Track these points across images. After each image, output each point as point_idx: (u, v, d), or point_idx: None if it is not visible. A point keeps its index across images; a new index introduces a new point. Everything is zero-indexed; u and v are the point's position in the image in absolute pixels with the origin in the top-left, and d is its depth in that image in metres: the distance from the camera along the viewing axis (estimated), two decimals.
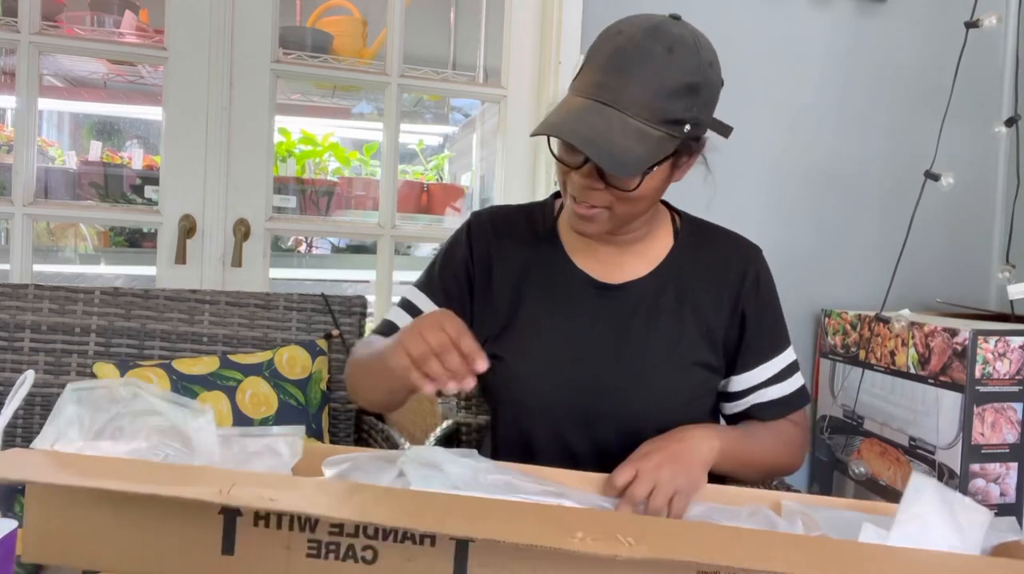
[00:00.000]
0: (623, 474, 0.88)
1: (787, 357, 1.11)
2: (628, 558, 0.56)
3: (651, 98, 0.88)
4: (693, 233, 1.11)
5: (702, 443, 0.95)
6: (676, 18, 0.94)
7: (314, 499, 0.63)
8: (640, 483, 0.87)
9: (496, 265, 1.09)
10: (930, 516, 0.68)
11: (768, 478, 1.12)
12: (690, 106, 0.90)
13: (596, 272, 1.07)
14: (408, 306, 1.11)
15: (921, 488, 0.70)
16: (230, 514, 0.64)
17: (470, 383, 0.82)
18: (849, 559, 0.60)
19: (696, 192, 1.14)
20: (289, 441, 0.77)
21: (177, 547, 0.65)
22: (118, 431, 0.71)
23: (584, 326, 1.05)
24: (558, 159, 0.96)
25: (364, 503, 0.64)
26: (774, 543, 0.63)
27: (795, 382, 1.12)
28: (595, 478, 0.88)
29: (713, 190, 1.09)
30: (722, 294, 1.07)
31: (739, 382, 1.09)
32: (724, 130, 0.98)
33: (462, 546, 0.62)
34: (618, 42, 0.90)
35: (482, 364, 0.81)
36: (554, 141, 0.93)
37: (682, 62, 0.89)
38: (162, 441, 0.71)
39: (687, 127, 0.91)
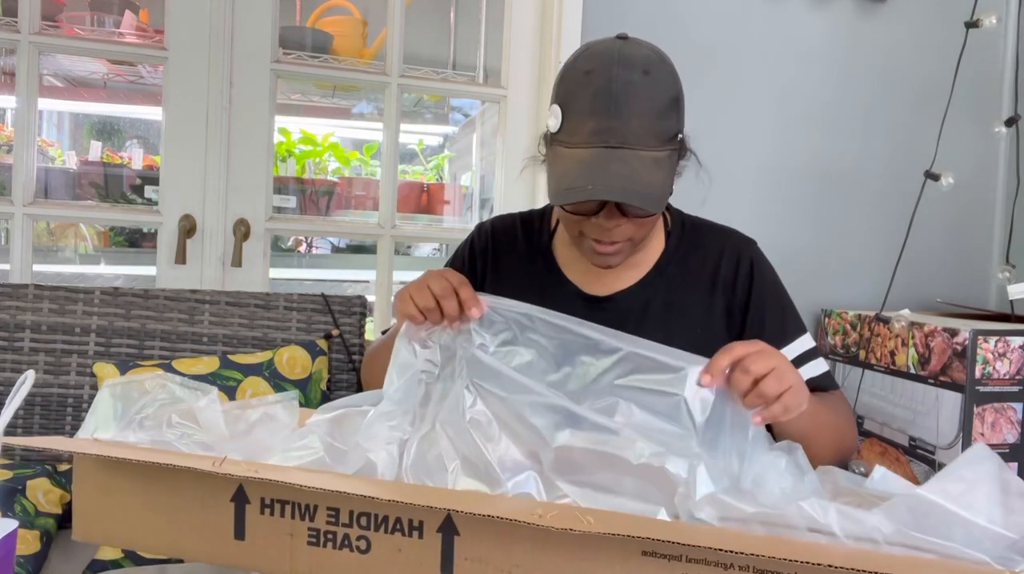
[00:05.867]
0: (735, 348, 0.80)
1: (802, 344, 1.07)
2: (585, 533, 0.58)
3: (651, 125, 0.89)
4: (684, 234, 1.10)
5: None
6: (624, 38, 0.93)
7: (293, 472, 0.70)
8: (758, 359, 0.78)
9: (492, 279, 1.12)
10: (979, 484, 0.62)
11: (834, 459, 0.96)
12: (680, 117, 0.94)
13: (586, 285, 1.08)
14: None
15: (981, 457, 0.64)
16: (240, 502, 0.71)
17: (458, 326, 0.87)
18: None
19: (690, 190, 1.14)
20: (286, 406, 0.84)
21: (198, 531, 0.73)
22: (146, 420, 0.80)
23: None
24: (571, 212, 0.94)
25: (338, 479, 0.71)
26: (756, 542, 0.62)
27: (818, 367, 1.07)
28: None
29: (708, 185, 1.08)
30: (715, 295, 1.06)
31: None
32: None
33: (448, 539, 0.66)
34: (595, 83, 0.89)
35: (476, 312, 0.86)
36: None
37: (662, 79, 0.91)
38: (179, 421, 0.80)
39: (679, 135, 0.95)
